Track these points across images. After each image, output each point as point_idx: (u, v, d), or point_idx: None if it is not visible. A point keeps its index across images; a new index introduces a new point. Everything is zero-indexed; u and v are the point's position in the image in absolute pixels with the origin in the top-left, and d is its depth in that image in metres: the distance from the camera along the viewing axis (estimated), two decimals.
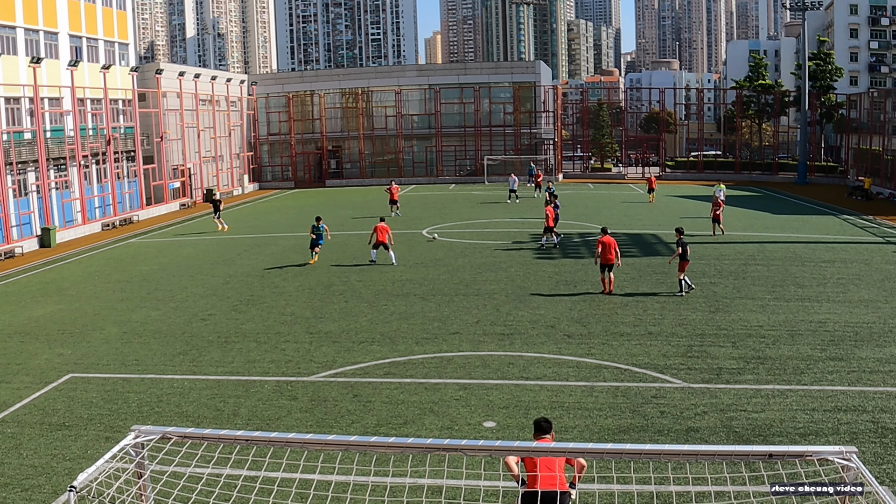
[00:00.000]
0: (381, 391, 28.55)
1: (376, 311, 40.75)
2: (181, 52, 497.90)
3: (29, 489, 21.98)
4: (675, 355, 31.00)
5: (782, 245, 56.53)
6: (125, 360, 34.17)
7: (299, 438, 12.97)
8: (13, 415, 28.08)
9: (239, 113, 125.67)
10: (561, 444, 11.35)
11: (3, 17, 75.02)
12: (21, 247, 69.96)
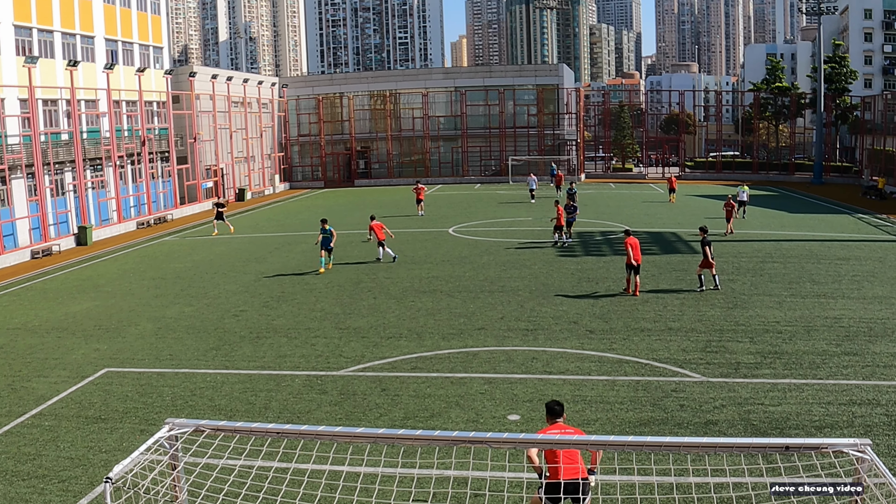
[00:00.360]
0: (408, 385, 28.57)
1: (404, 307, 40.78)
2: (214, 55, 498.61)
3: (66, 480, 22.05)
4: (695, 350, 30.93)
5: (798, 243, 56.33)
6: (159, 355, 34.30)
7: (329, 431, 12.96)
8: (51, 408, 28.18)
9: (270, 114, 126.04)
10: (584, 437, 11.32)
11: (41, 21, 75.32)
12: (58, 245, 70.29)
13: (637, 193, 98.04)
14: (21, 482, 22.12)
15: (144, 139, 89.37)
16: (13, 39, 71.60)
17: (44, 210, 71.26)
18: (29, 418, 27.27)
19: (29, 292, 51.37)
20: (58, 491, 21.45)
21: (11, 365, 34.10)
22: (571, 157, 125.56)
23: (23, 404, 28.74)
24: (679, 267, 48.02)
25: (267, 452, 19.27)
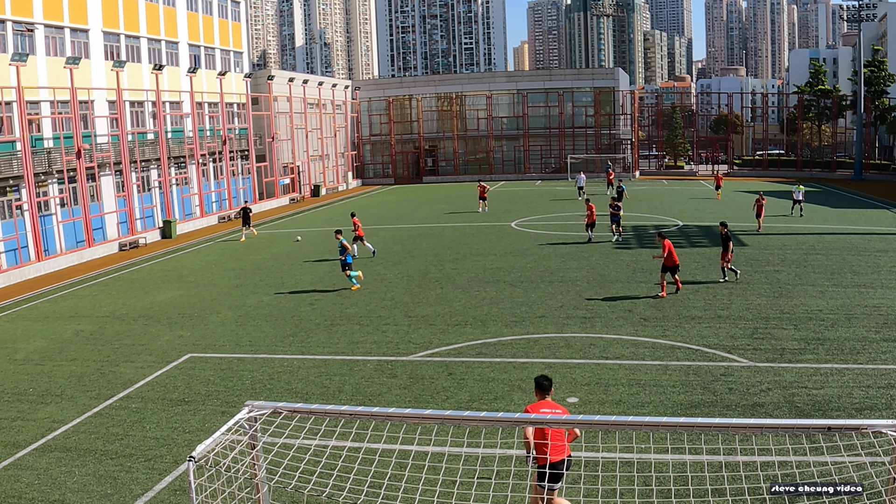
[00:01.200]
0: (473, 370, 28.51)
1: (469, 296, 40.71)
2: (291, 59, 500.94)
3: (152, 459, 22.19)
4: (742, 337, 30.73)
5: (840, 236, 55.68)
6: (239, 342, 34.49)
7: (399, 413, 13.09)
8: (137, 391, 28.41)
9: (343, 115, 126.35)
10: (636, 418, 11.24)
11: (129, 27, 75.90)
12: (145, 237, 70.87)
13: (688, 189, 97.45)
14: (110, 461, 22.29)
15: (225, 138, 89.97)
16: (102, 45, 72.18)
17: (131, 205, 71.87)
18: (117, 401, 27.51)
19: (117, 282, 51.81)
20: (144, 469, 21.60)
21: (101, 351, 34.46)
22: (626, 156, 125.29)
23: (111, 388, 29.01)
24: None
25: (340, 433, 19.15)
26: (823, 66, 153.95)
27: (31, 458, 22.98)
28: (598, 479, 18.01)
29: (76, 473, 21.61)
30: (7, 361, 33.97)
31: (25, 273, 56.38)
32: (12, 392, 29.46)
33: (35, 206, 59.51)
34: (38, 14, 64.01)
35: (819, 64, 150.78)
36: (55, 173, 63.61)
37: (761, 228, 57.44)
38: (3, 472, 22.11)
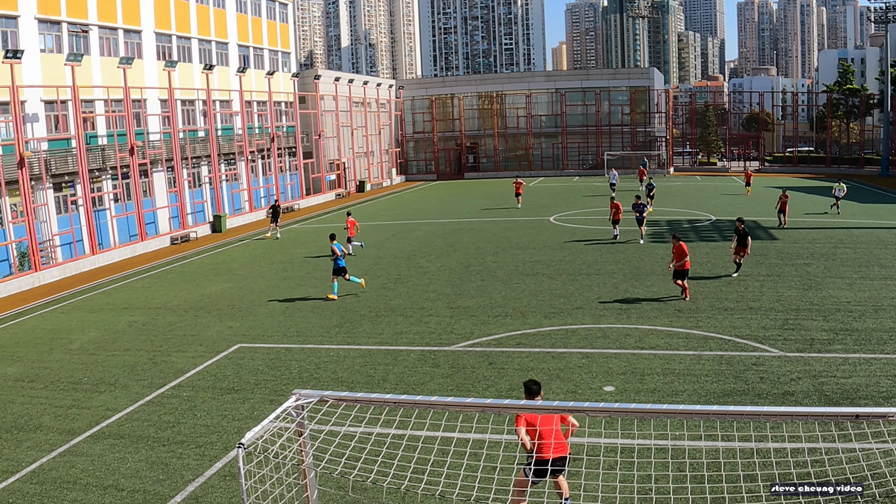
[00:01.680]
0: (513, 359, 28.48)
1: (509, 288, 40.66)
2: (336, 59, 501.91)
3: (202, 446, 22.28)
4: (773, 327, 30.59)
5: (867, 230, 55.24)
6: (287, 332, 34.56)
7: (441, 401, 13.14)
8: (188, 380, 28.54)
9: (388, 113, 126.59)
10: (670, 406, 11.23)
11: (180, 28, 76.19)
12: (195, 232, 71.19)
13: (720, 185, 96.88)
14: (161, 447, 22.39)
15: (273, 136, 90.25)
16: (154, 45, 72.48)
17: (182, 200, 72.24)
18: (169, 389, 27.65)
19: (169, 275, 52.04)
20: (195, 455, 21.69)
21: (153, 341, 34.62)
22: (661, 153, 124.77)
23: (163, 377, 29.16)
24: (758, 252, 47.19)
25: (385, 420, 19.31)
26: (851, 65, 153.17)
27: (86, 444, 23.11)
28: (634, 465, 18.12)
29: (129, 459, 21.74)
30: (63, 351, 34.21)
31: (80, 266, 56.73)
32: (68, 381, 29.67)
33: (90, 202, 59.87)
34: (92, 16, 64.32)
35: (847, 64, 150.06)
36: (109, 170, 63.97)
37: (786, 224, 56.86)
38: (59, 458, 22.25)
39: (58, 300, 46.81)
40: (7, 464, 22.08)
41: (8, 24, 56.14)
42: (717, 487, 16.35)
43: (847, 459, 15.96)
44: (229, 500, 18.92)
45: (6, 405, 27.29)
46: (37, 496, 19.95)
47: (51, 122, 59.69)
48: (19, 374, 31.32)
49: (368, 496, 17.94)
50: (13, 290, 50.64)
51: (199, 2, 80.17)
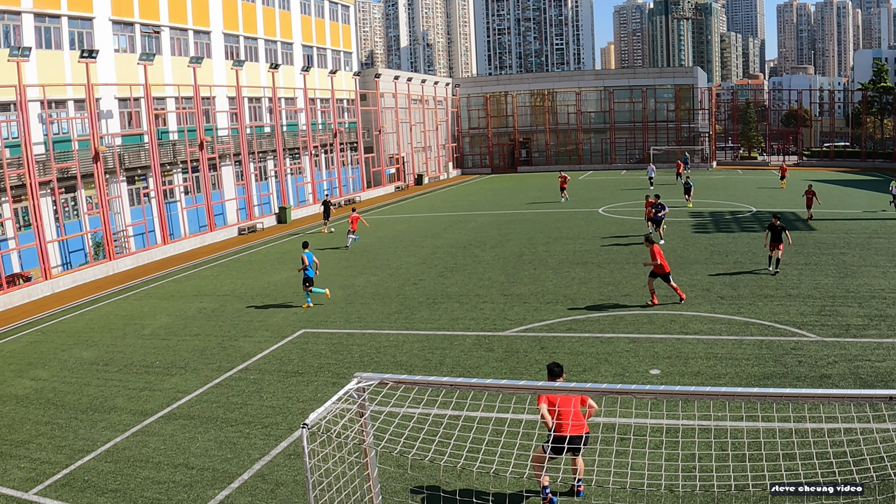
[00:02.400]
0: (563, 344, 28.32)
1: (560, 276, 40.45)
2: (396, 59, 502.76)
3: (268, 426, 22.32)
4: (811, 314, 30.30)
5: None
6: (349, 318, 34.58)
7: (495, 384, 13.09)
8: (255, 364, 28.62)
9: (444, 110, 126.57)
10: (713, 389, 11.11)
11: (247, 29, 76.56)
12: (262, 223, 71.48)
13: (760, 178, 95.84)
14: (230, 428, 22.47)
15: (336, 131, 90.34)
16: (223, 45, 72.87)
17: (249, 193, 72.56)
18: (236, 373, 27.74)
19: (236, 264, 52.26)
20: (261, 435, 21.74)
21: (221, 326, 34.78)
22: (704, 147, 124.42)
23: (231, 360, 29.27)
24: (797, 242, 46.61)
25: (441, 402, 19.15)
26: (886, 64, 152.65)
27: (158, 424, 23.24)
28: (679, 444, 17.98)
29: (199, 439, 21.86)
30: (136, 336, 34.46)
31: (152, 255, 57.10)
32: (140, 364, 29.86)
33: (161, 194, 60.28)
34: (164, 17, 64.76)
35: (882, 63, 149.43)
36: (179, 163, 64.41)
37: (812, 217, 55.99)
38: (132, 437, 22.38)
39: (131, 288, 47.16)
40: (83, 443, 22.25)
41: (84, 26, 56.59)
42: (758, 466, 16.42)
43: (881, 439, 16.17)
44: (294, 477, 18.96)
45: (82, 387, 27.52)
46: (111, 474, 20.07)
47: (124, 118, 60.15)
48: (95, 357, 31.59)
49: (426, 474, 17.90)
50: (88, 278, 51.07)
51: (266, 4, 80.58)
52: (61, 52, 54.53)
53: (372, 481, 14.46)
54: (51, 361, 31.64)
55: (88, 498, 18.88)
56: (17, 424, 24.26)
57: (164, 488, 19.03)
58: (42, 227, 49.32)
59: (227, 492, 18.59)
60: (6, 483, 20.11)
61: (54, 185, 51.24)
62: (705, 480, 16.30)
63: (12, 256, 49.65)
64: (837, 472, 15.60)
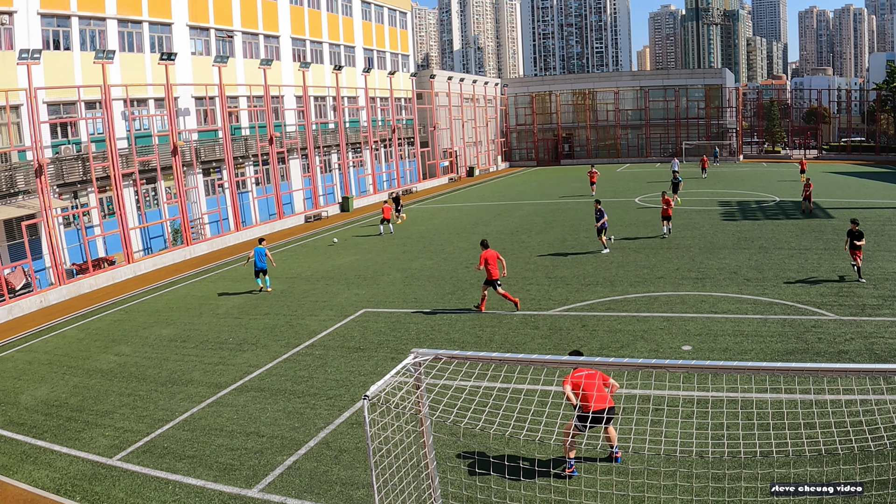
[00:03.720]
0: (603, 322, 28.23)
1: (599, 260, 40.26)
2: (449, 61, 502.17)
3: (332, 398, 22.37)
4: (830, 294, 30.12)
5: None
6: (406, 298, 34.57)
7: (540, 358, 13.19)
8: (320, 340, 28.68)
9: (494, 108, 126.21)
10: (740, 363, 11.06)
11: (313, 34, 76.73)
12: (326, 211, 71.69)
13: (783, 171, 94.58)
14: (297, 399, 22.57)
15: (394, 128, 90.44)
16: (291, 49, 73.06)
17: (315, 184, 72.72)
18: (303, 349, 27.82)
19: (303, 249, 52.37)
20: (326, 406, 21.79)
21: (289, 306, 34.88)
22: (732, 142, 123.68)
23: (298, 338, 29.37)
24: (817, 228, 46.39)
25: (491, 375, 19.37)
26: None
27: (231, 396, 23.39)
28: (709, 414, 18.15)
29: (269, 409, 21.98)
30: (211, 315, 34.66)
31: (226, 241, 57.42)
32: (215, 341, 30.04)
33: (234, 185, 60.53)
34: (236, 23, 65.00)
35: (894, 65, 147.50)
36: (251, 157, 64.67)
37: (812, 210, 54.85)
38: (207, 408, 22.55)
39: (206, 271, 47.46)
40: (163, 413, 22.45)
41: (163, 31, 56.88)
42: (781, 434, 16.61)
43: (893, 409, 16.23)
44: (356, 444, 18.98)
45: (161, 362, 27.74)
46: (188, 441, 20.22)
47: (200, 115, 60.46)
48: (173, 335, 31.82)
49: (477, 441, 17.90)
50: (167, 262, 51.44)
51: (330, 10, 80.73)
52: (142, 55, 54.84)
53: (427, 448, 14.48)
54: (133, 338, 31.95)
55: (167, 464, 19.03)
56: (102, 396, 24.53)
57: (237, 454, 19.15)
58: (125, 215, 49.73)
59: (294, 458, 18.67)
60: (92, 450, 20.32)
61: (136, 176, 51.56)
62: (733, 447, 16.50)
63: (98, 242, 50.10)
64: (854, 439, 15.69)
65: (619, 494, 15.35)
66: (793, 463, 16.06)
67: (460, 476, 16.79)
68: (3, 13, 44.76)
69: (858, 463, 15.89)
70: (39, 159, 43.34)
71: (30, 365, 29.34)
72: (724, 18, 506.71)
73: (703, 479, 15.83)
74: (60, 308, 40.45)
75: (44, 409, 23.86)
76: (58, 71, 47.95)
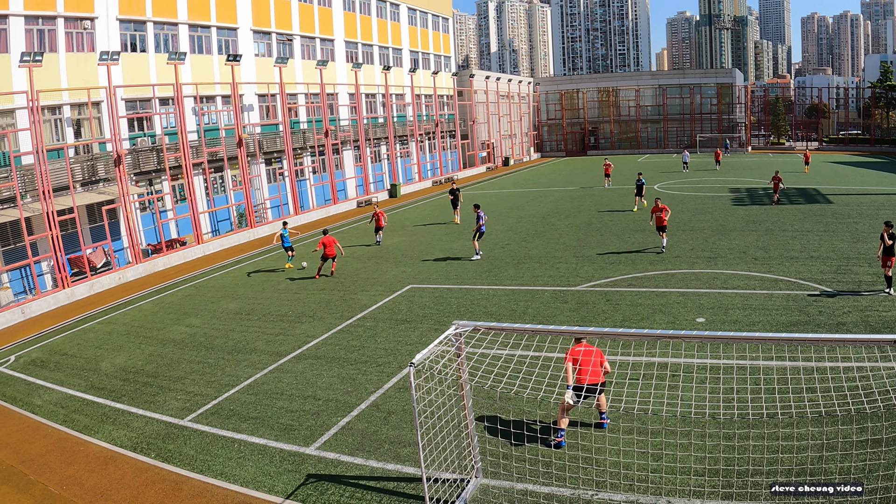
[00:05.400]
0: (625, 297, 28.07)
1: (622, 241, 39.99)
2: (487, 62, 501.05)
3: (382, 364, 22.39)
4: (829, 272, 29.94)
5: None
6: (448, 276, 34.47)
7: (569, 329, 13.61)
8: (371, 313, 28.65)
9: (527, 104, 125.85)
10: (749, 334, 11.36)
11: (364, 37, 76.69)
12: (376, 197, 71.81)
13: (789, 161, 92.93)
14: (350, 366, 22.60)
15: (437, 122, 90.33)
16: (344, 51, 73.01)
17: (366, 172, 72.81)
18: (355, 321, 27.84)
19: (355, 231, 52.43)
20: (376, 372, 21.81)
21: (343, 283, 34.91)
22: (741, 135, 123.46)
23: (351, 311, 29.37)
24: (818, 213, 45.98)
25: (524, 345, 19.22)
26: (891, 66, 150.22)
27: (290, 363, 23.44)
28: (720, 379, 18.33)
29: (324, 375, 22.05)
30: (272, 291, 34.78)
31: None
32: (276, 314, 30.12)
33: (293, 173, 60.65)
34: (295, 27, 65.03)
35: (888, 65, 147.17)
36: (308, 148, 64.72)
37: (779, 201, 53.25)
38: (269, 374, 22.63)
39: (268, 251, 47.58)
40: (229, 378, 22.57)
41: (230, 35, 56.98)
42: (785, 398, 16.67)
43: (887, 375, 16.28)
44: (402, 407, 19.01)
45: (228, 333, 27.87)
46: (252, 404, 20.34)
47: (263, 111, 60.56)
48: (238, 308, 31.94)
49: (512, 405, 17.88)
50: (233, 242, 51.65)
51: (380, 16, 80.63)
52: (211, 57, 54.96)
53: (467, 410, 14.71)
54: (202, 311, 32.14)
55: (233, 424, 19.15)
56: (175, 363, 24.70)
57: (296, 416, 19.23)
58: (195, 200, 49.98)
59: (347, 419, 18.71)
60: (166, 411, 20.53)
61: (205, 166, 51.80)
62: (742, 409, 16.63)
63: (171, 225, 50.36)
64: (851, 402, 16.05)
65: (640, 451, 15.36)
66: (796, 423, 16.17)
67: (497, 436, 16.74)
68: (86, 19, 45.04)
69: (855, 424, 15.89)
70: (118, 150, 43.81)
71: (109, 335, 29.64)
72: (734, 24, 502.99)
73: (715, 438, 15.97)
74: (137, 284, 40.81)
75: (122, 375, 24.11)
76: (134, 71, 48.19)
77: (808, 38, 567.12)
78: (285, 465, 16.71)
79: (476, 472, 15.18)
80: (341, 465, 16.43)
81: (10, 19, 40.36)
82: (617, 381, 17.98)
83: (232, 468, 16.81)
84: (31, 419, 21.06)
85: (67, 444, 19.10)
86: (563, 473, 15.06)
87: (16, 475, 17.68)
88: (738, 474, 14.52)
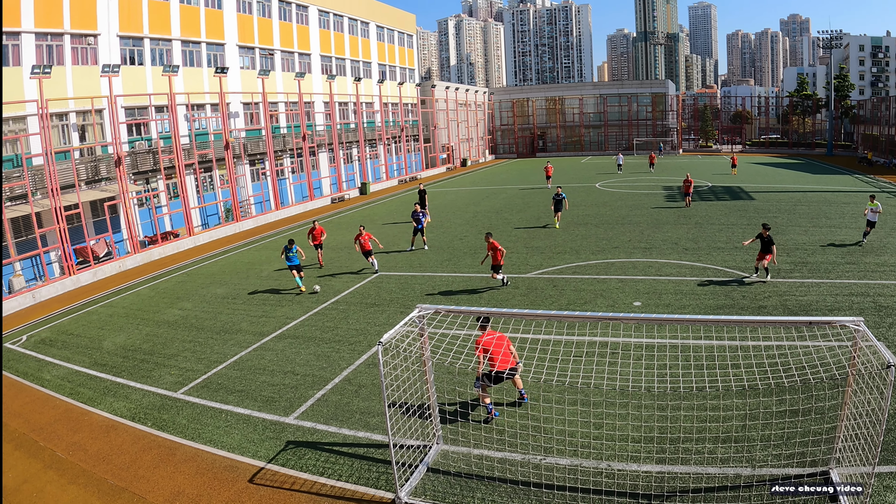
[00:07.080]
0: (570, 283, 28.15)
1: (567, 234, 40.04)
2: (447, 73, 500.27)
3: (353, 343, 22.38)
4: (752, 261, 30.17)
5: (817, 193, 53.61)
6: (412, 264, 34.44)
7: (520, 312, 13.70)
8: (343, 298, 28.63)
9: (482, 111, 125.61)
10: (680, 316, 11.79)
11: (338, 52, 76.25)
12: (348, 194, 71.44)
13: (716, 162, 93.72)
14: (325, 345, 22.58)
15: (403, 127, 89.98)
16: (320, 63, 72.60)
17: (339, 171, 72.41)
18: (329, 304, 27.81)
19: (329, 224, 52.13)
20: (348, 350, 21.81)
21: (318, 270, 34.75)
22: (673, 139, 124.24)
23: (326, 295, 29.45)
24: (741, 208, 46.52)
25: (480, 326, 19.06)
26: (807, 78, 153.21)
27: (272, 342, 23.39)
28: (654, 357, 18.60)
29: (302, 353, 22.03)
30: (256, 278, 34.61)
31: (268, 218, 57.24)
32: (259, 298, 30.02)
33: (274, 173, 60.36)
34: (276, 43, 64.60)
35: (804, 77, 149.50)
36: (288, 150, 64.35)
37: (689, 205, 50.05)
38: (252, 352, 22.57)
39: (252, 242, 47.32)
40: (217, 356, 22.48)
41: (217, 49, 56.57)
42: (713, 373, 16.81)
43: (802, 353, 16.38)
44: (372, 381, 19.06)
45: (216, 315, 27.71)
46: (238, 378, 20.31)
47: (247, 117, 60.19)
48: (225, 293, 31.77)
49: (469, 379, 17.93)
50: (221, 234, 51.31)
51: (352, 33, 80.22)
52: (201, 69, 54.51)
53: (429, 384, 14.82)
54: (193, 296, 31.92)
55: (221, 396, 19.14)
56: (169, 342, 24.53)
57: (277, 389, 19.22)
58: (187, 197, 49.66)
59: (322, 391, 18.73)
60: (161, 385, 20.48)
61: (196, 166, 51.44)
62: (674, 383, 16.63)
63: (165, 219, 49.97)
64: (771, 377, 16.53)
65: (583, 421, 15.49)
66: (722, 396, 16.45)
67: (456, 406, 16.88)
68: (90, 35, 44.57)
69: (774, 396, 16.17)
70: (119, 153, 43.53)
71: (111, 317, 29.41)
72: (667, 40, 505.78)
73: (650, 409, 16.20)
74: (135, 272, 40.44)
75: (122, 352, 23.95)
76: (133, 82, 47.75)
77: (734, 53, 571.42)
78: (267, 432, 16.75)
79: (437, 439, 15.30)
80: (317, 433, 16.47)
81: (21, 36, 40.01)
82: (562, 358, 18.08)
83: (220, 436, 16.85)
84: (41, 392, 20.97)
85: (73, 415, 19.10)
86: (515, 440, 15.22)
87: (27, 442, 17.70)
88: (670, 441, 14.77)
